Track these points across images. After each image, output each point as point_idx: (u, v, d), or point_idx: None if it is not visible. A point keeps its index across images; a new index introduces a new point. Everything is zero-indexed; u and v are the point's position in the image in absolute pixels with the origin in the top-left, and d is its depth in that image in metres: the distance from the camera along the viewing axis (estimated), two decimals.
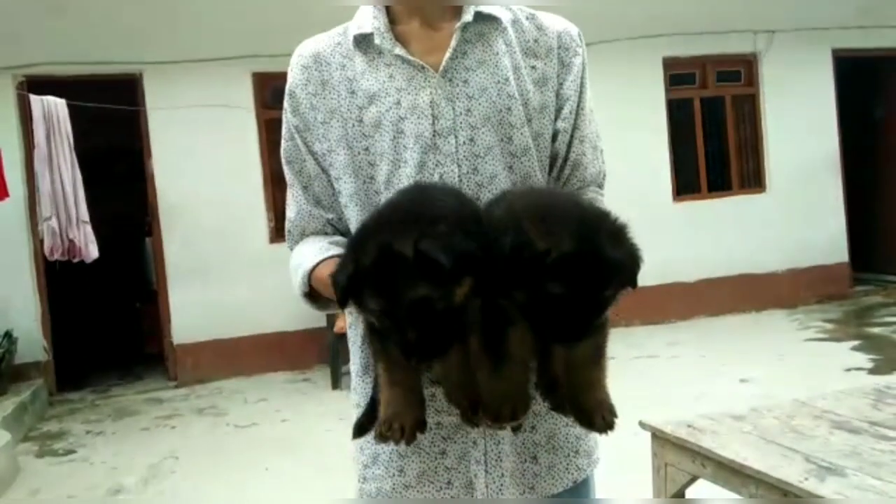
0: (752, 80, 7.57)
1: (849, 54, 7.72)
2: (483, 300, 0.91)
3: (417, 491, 1.15)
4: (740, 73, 7.61)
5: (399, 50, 1.14)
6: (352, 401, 1.25)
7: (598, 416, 0.96)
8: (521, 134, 1.15)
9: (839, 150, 7.75)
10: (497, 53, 1.16)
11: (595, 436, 1.24)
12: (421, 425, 0.98)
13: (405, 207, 0.95)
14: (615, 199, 1.16)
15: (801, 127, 7.50)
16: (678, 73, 7.39)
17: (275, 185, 6.38)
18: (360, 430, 1.13)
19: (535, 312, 0.86)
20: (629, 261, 0.88)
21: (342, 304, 0.93)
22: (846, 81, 7.84)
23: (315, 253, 1.15)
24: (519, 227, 0.87)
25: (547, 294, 0.84)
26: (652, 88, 7.18)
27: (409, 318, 0.86)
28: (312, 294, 1.16)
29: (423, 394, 1.00)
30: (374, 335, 0.98)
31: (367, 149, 1.15)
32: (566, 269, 0.83)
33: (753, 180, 7.63)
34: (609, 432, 0.97)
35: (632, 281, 0.90)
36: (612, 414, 0.96)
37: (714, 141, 7.52)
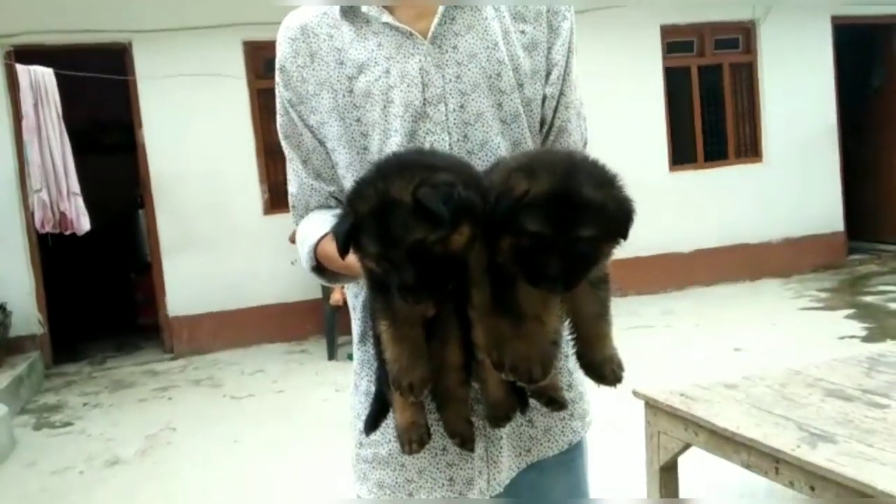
0: (750, 47, 7.49)
1: (848, 21, 7.63)
2: (488, 261, 0.93)
3: (413, 457, 1.16)
4: (738, 40, 7.53)
5: (387, 17, 1.13)
6: (352, 368, 1.27)
7: (608, 370, 0.98)
8: (512, 100, 1.14)
9: (837, 119, 7.71)
10: (486, 18, 1.15)
11: (588, 399, 1.27)
12: (426, 381, 0.99)
13: (402, 160, 0.97)
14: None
15: (798, 95, 7.45)
16: (676, 41, 7.30)
17: (268, 156, 6.33)
18: (372, 424, 1.15)
19: (520, 258, 0.89)
20: (613, 206, 0.88)
21: (342, 254, 0.94)
22: (845, 49, 7.77)
23: (319, 226, 1.15)
24: (507, 178, 0.90)
25: (526, 234, 0.87)
26: (649, 56, 7.10)
27: (407, 261, 0.88)
28: (321, 268, 1.16)
29: (426, 349, 1.00)
30: (377, 290, 0.98)
31: (358, 119, 1.14)
32: (540, 206, 0.86)
33: (750, 150, 7.60)
34: (618, 385, 0.99)
35: (620, 230, 0.90)
36: (621, 368, 0.99)
37: (711, 110, 7.47)
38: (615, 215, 0.88)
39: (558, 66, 1.18)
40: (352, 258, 0.97)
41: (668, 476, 2.37)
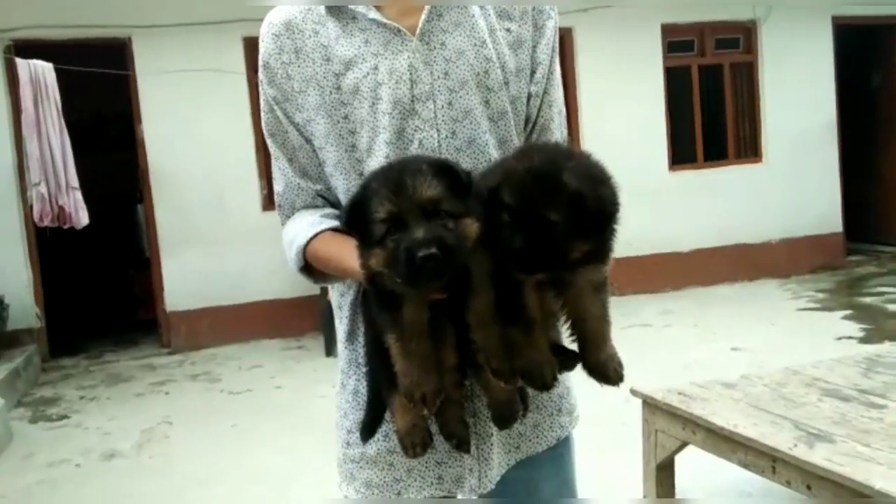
0: (750, 47, 7.48)
1: (848, 22, 7.62)
2: (493, 268, 0.93)
3: (401, 455, 1.15)
4: (739, 40, 7.52)
5: (374, 13, 1.12)
6: (339, 367, 1.26)
7: (611, 369, 0.99)
8: (499, 97, 1.14)
9: (836, 119, 7.70)
10: (472, 15, 1.14)
11: (575, 394, 1.28)
12: (439, 393, 0.99)
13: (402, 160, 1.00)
14: (610, 168, 1.14)
15: (798, 95, 7.45)
16: (676, 40, 7.29)
17: (267, 152, 6.30)
18: (367, 431, 1.16)
19: (493, 233, 0.89)
20: (593, 200, 0.87)
21: (346, 226, 0.96)
22: (845, 49, 7.76)
23: (307, 227, 1.14)
24: (504, 160, 0.93)
25: (502, 206, 0.87)
26: (649, 55, 7.09)
27: (419, 218, 0.86)
28: (309, 268, 1.16)
29: (435, 360, 0.99)
30: (383, 302, 0.97)
31: (346, 116, 1.13)
32: (516, 181, 0.88)
33: (750, 150, 7.59)
34: (621, 384, 1.00)
35: (594, 226, 0.88)
36: (621, 367, 1.00)
37: (711, 109, 7.46)
38: (592, 209, 0.87)
39: (543, 64, 1.18)
40: (353, 259, 0.96)
41: (664, 474, 2.37)
